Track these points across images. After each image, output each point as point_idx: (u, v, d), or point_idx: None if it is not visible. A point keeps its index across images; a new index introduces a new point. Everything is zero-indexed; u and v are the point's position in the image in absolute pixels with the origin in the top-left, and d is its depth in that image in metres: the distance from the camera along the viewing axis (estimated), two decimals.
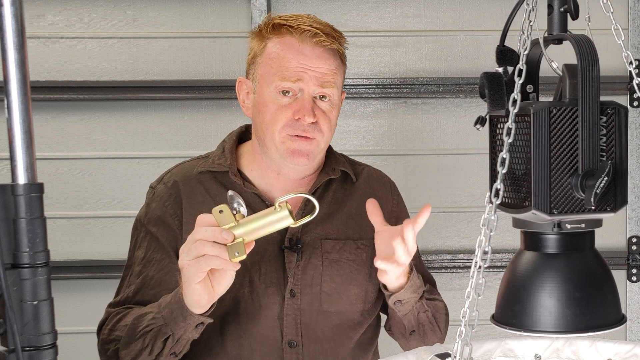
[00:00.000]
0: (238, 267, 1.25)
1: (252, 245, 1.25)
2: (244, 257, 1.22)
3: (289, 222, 1.23)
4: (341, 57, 1.52)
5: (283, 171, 1.53)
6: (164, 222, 1.51)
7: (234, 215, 1.23)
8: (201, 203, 1.51)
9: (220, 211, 1.23)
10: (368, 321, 1.61)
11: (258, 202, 1.52)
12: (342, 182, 1.61)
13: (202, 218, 1.26)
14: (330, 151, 1.61)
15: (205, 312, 1.32)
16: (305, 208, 1.54)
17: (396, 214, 1.65)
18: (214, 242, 1.22)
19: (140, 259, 1.51)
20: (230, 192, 1.24)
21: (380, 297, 1.62)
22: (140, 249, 1.52)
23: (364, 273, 1.57)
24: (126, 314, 1.45)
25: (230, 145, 1.57)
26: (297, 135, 1.46)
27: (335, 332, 1.55)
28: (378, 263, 1.37)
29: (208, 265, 1.24)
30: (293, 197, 1.31)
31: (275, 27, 1.48)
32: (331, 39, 1.47)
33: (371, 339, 1.65)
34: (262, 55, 1.49)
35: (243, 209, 1.24)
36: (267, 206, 1.48)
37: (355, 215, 1.59)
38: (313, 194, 1.54)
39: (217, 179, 1.54)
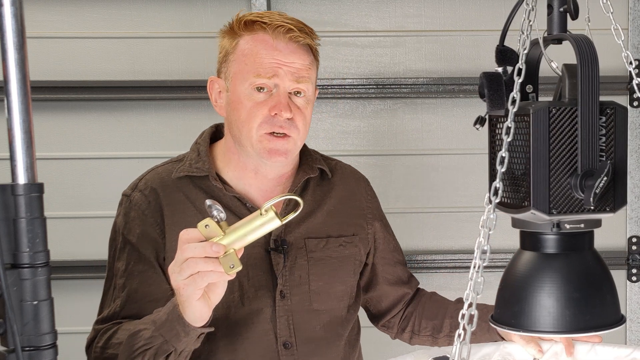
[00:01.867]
0: (234, 276, 1.24)
1: (241, 252, 1.25)
2: (240, 268, 1.22)
3: (277, 223, 1.22)
4: (314, 53, 1.52)
5: (260, 170, 1.52)
6: (144, 232, 1.49)
7: (219, 224, 1.21)
8: (182, 210, 1.49)
9: (206, 225, 1.21)
10: (354, 317, 1.64)
11: (238, 205, 1.51)
12: (319, 180, 1.62)
13: (185, 235, 1.24)
14: (304, 149, 1.61)
15: (206, 323, 1.31)
16: (286, 208, 1.53)
17: (371, 210, 1.68)
18: (206, 257, 1.20)
19: (122, 271, 1.49)
20: (208, 202, 1.21)
21: (359, 292, 1.66)
22: (120, 261, 1.50)
23: (347, 270, 1.60)
24: (116, 330, 1.43)
25: (205, 148, 1.55)
26: (273, 134, 1.45)
27: (326, 330, 1.57)
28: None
29: (205, 281, 1.22)
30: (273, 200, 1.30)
31: (247, 24, 1.47)
32: (304, 35, 1.47)
33: (357, 334, 1.68)
34: (235, 52, 1.48)
35: (223, 215, 1.22)
36: (248, 209, 1.49)
37: (334, 212, 1.60)
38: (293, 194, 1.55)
39: (196, 183, 1.52)
